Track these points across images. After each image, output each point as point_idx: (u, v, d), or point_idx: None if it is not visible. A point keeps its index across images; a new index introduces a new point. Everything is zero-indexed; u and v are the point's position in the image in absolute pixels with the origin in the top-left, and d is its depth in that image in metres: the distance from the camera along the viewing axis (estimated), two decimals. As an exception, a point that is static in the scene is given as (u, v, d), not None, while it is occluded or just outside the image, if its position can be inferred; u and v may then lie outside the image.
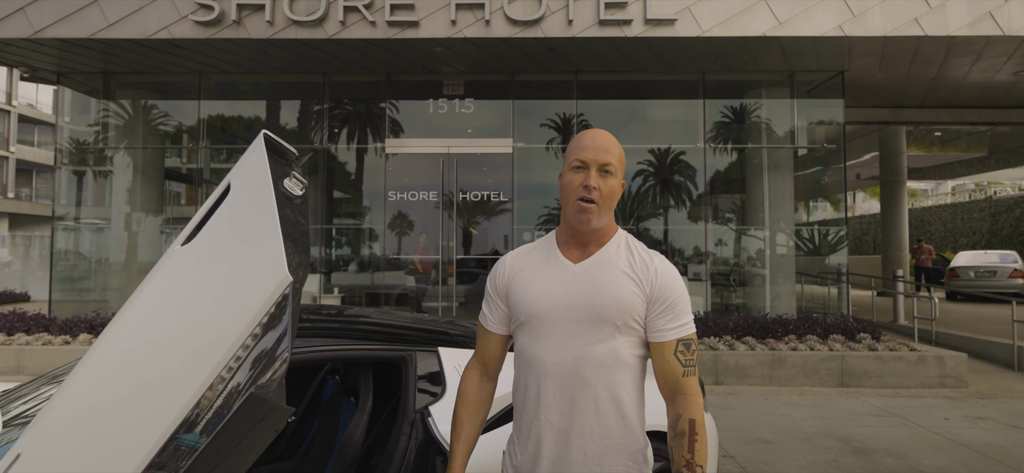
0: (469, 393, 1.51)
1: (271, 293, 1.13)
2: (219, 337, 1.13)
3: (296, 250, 1.28)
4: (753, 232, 9.29)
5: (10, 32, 7.46)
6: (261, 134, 1.33)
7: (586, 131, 1.43)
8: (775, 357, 6.67)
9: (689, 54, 8.01)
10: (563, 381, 1.35)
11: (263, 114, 10.10)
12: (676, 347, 1.35)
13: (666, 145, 9.56)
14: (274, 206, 1.19)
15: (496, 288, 1.51)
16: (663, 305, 1.36)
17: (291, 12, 7.30)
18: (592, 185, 1.35)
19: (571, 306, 1.37)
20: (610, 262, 1.41)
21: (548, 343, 1.37)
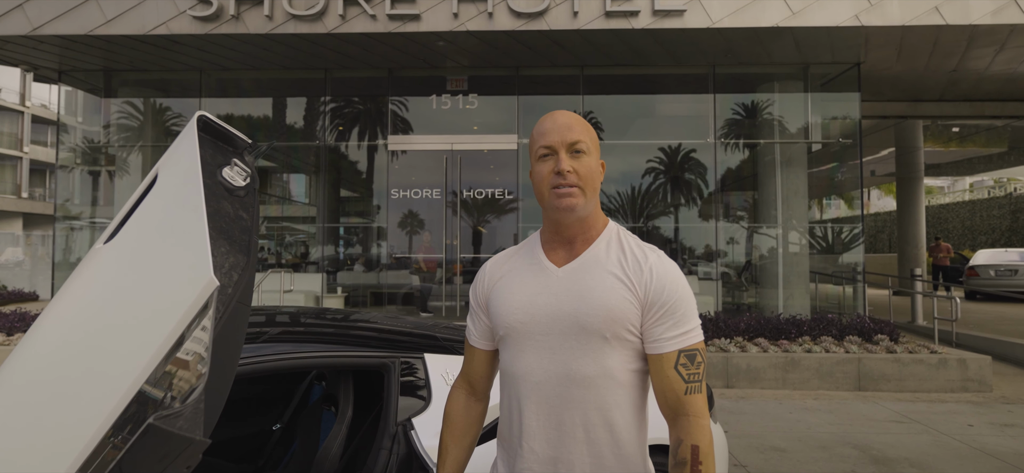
0: (454, 415, 1.34)
1: (192, 301, 0.95)
2: (131, 355, 0.95)
3: (232, 249, 1.10)
4: (765, 230, 9.03)
5: (9, 29, 7.39)
6: (195, 116, 1.15)
7: (545, 115, 1.24)
8: (788, 359, 6.42)
9: (698, 46, 7.77)
10: (547, 403, 1.18)
11: (264, 111, 9.99)
12: (677, 360, 1.15)
13: (675, 141, 9.32)
14: (201, 199, 1.01)
15: (477, 299, 1.33)
16: (660, 310, 1.16)
17: (290, 6, 7.15)
18: (565, 168, 1.16)
19: (553, 316, 1.19)
20: (598, 263, 1.22)
21: (529, 360, 1.20)
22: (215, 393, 1.20)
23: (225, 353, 1.21)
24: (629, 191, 9.42)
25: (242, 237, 1.14)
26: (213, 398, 1.19)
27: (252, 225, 1.18)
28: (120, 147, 9.43)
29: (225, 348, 1.21)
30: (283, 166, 11.00)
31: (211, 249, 1.04)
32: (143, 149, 9.30)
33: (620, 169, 9.42)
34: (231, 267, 1.09)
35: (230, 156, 1.22)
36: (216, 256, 1.06)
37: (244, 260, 1.12)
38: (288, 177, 11.07)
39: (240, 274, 1.10)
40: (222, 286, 1.05)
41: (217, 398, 1.21)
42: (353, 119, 9.54)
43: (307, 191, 10.65)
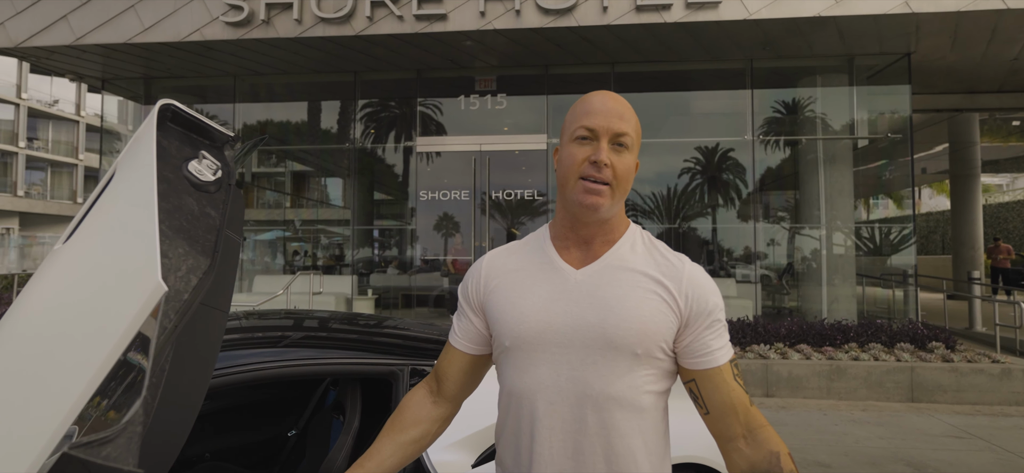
0: (405, 405, 1.18)
1: (138, 309, 0.84)
2: (71, 371, 0.84)
3: (192, 250, 0.98)
4: (808, 231, 8.61)
5: (54, 40, 7.65)
6: (158, 104, 1.04)
7: (592, 93, 1.07)
8: (833, 367, 6.06)
9: (735, 40, 7.45)
10: (562, 428, 1.02)
11: (296, 115, 10.11)
12: (733, 370, 1.04)
13: (711, 139, 9.00)
14: (153, 194, 0.90)
15: (469, 299, 1.17)
16: (707, 319, 1.03)
17: (318, 9, 7.18)
18: (603, 160, 1.01)
19: (573, 327, 1.03)
20: (625, 266, 1.06)
21: (542, 376, 1.04)
22: (175, 410, 1.09)
23: (188, 365, 1.10)
24: (664, 192, 9.14)
25: (206, 237, 1.03)
26: (173, 416, 1.08)
27: (222, 223, 1.07)
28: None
29: (187, 360, 1.10)
30: (317, 169, 11.13)
31: (162, 250, 0.93)
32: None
33: (654, 169, 9.16)
34: (189, 270, 0.97)
35: (200, 149, 1.11)
36: (170, 257, 0.95)
37: (206, 262, 1.01)
38: (323, 180, 11.19)
39: (201, 277, 0.99)
40: (177, 291, 0.94)
41: (179, 416, 1.11)
42: (382, 121, 9.56)
43: (337, 193, 10.73)
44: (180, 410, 1.10)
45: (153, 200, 0.90)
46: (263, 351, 2.00)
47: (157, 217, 0.89)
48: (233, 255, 1.21)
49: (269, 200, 11.73)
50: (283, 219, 11.44)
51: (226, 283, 1.18)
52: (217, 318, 1.16)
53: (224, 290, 1.17)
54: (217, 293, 1.14)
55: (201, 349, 1.12)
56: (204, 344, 1.13)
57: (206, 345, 1.14)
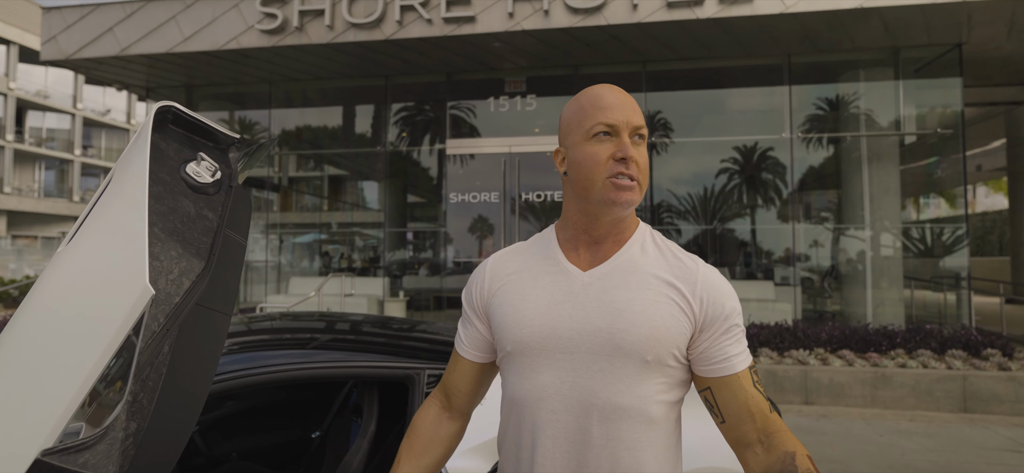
0: (419, 426, 1.13)
1: (125, 314, 0.82)
2: (63, 377, 0.83)
3: (185, 253, 0.97)
4: (851, 232, 8.26)
5: (101, 51, 7.99)
6: (156, 107, 1.03)
7: (596, 87, 1.02)
8: (878, 375, 5.78)
9: (771, 35, 7.21)
10: (567, 439, 0.96)
11: (329, 120, 10.29)
12: (752, 377, 0.98)
13: (747, 137, 8.73)
14: (144, 197, 0.88)
15: (473, 304, 1.12)
16: (724, 324, 0.97)
17: (349, 15, 7.29)
18: (631, 155, 0.97)
19: (579, 332, 0.97)
20: (636, 267, 1.01)
21: (545, 384, 0.98)
22: (175, 412, 1.08)
23: (188, 368, 1.09)
24: (699, 192, 8.91)
25: (201, 239, 1.01)
26: (173, 418, 1.07)
27: (220, 225, 1.06)
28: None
29: (187, 362, 1.09)
30: (352, 173, 11.30)
31: (153, 253, 0.92)
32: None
33: (690, 169, 8.95)
34: (182, 273, 0.96)
35: (199, 150, 1.10)
36: (162, 260, 0.94)
37: (200, 265, 0.99)
38: (358, 184, 11.35)
39: (195, 280, 0.97)
40: (167, 294, 0.93)
41: (180, 417, 1.10)
42: (414, 124, 9.63)
43: (370, 196, 10.87)
44: (180, 412, 1.09)
45: (144, 203, 0.89)
46: (284, 353, 2.00)
47: (146, 220, 0.88)
48: (235, 257, 1.19)
49: (307, 204, 11.97)
50: (319, 222, 11.65)
51: (226, 285, 1.17)
52: (217, 320, 1.15)
53: (224, 292, 1.16)
54: (215, 295, 1.13)
55: (201, 351, 1.11)
56: (204, 346, 1.12)
57: (206, 347, 1.13)
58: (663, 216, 8.82)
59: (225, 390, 1.80)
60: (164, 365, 1.02)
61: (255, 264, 10.21)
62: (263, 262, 10.28)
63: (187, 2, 7.77)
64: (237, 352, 2.04)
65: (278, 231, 10.84)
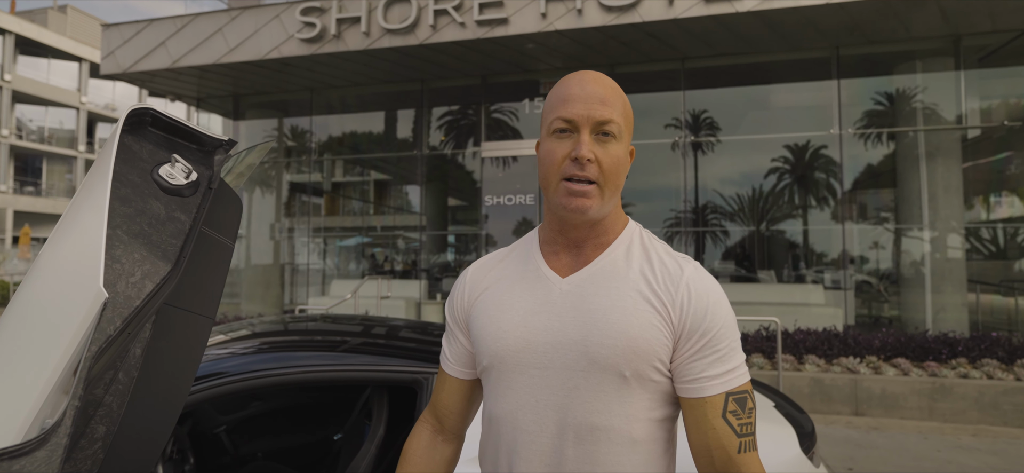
0: (411, 454, 1.06)
1: (80, 318, 0.81)
2: (31, 382, 0.83)
3: (150, 255, 0.96)
4: (907, 232, 7.78)
5: (155, 64, 8.39)
6: (128, 109, 1.03)
7: (570, 75, 0.94)
8: (937, 385, 5.40)
9: (817, 27, 6.88)
10: (542, 460, 0.89)
11: (368, 125, 10.47)
12: (725, 406, 0.86)
13: (793, 135, 8.36)
14: (105, 199, 0.88)
15: (455, 315, 1.05)
16: (702, 340, 0.87)
17: (385, 21, 7.39)
18: (585, 155, 0.87)
19: (553, 345, 0.90)
20: (616, 275, 0.92)
21: (519, 400, 0.91)
22: (151, 413, 1.07)
23: (163, 369, 1.08)
24: (744, 192, 8.59)
25: (170, 241, 1.00)
26: (149, 419, 1.07)
27: (194, 226, 1.05)
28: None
29: (163, 364, 1.08)
30: (392, 177, 11.48)
31: (114, 255, 0.91)
32: (269, 167, 10.15)
33: (737, 168, 8.64)
34: (144, 275, 0.94)
35: (174, 152, 1.09)
36: (123, 263, 0.93)
37: (166, 267, 0.98)
38: (399, 188, 11.52)
39: (159, 283, 0.96)
40: (127, 297, 0.92)
41: (157, 418, 1.09)
42: (450, 127, 9.69)
43: (410, 200, 11.00)
44: (155, 415, 1.08)
45: (104, 206, 0.88)
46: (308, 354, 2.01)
47: (105, 223, 0.87)
48: (217, 258, 1.18)
49: (354, 208, 12.24)
50: (363, 226, 11.88)
51: (205, 287, 1.16)
52: (196, 322, 1.14)
53: (202, 294, 1.15)
54: (192, 297, 1.12)
55: (178, 354, 1.11)
56: (181, 349, 1.11)
57: (184, 350, 1.12)
58: (709, 218, 8.55)
59: (249, 388, 1.82)
60: (136, 368, 1.02)
61: (300, 267, 10.49)
62: (307, 265, 10.55)
63: (232, 14, 8.07)
64: (268, 352, 2.07)
65: (322, 235, 11.11)
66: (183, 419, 2.74)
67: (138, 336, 1.01)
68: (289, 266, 10.29)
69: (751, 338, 6.41)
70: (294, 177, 10.67)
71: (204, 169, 1.14)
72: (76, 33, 32.52)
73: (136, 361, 1.01)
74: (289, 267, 10.29)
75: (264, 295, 9.92)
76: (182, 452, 2.21)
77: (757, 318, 5.62)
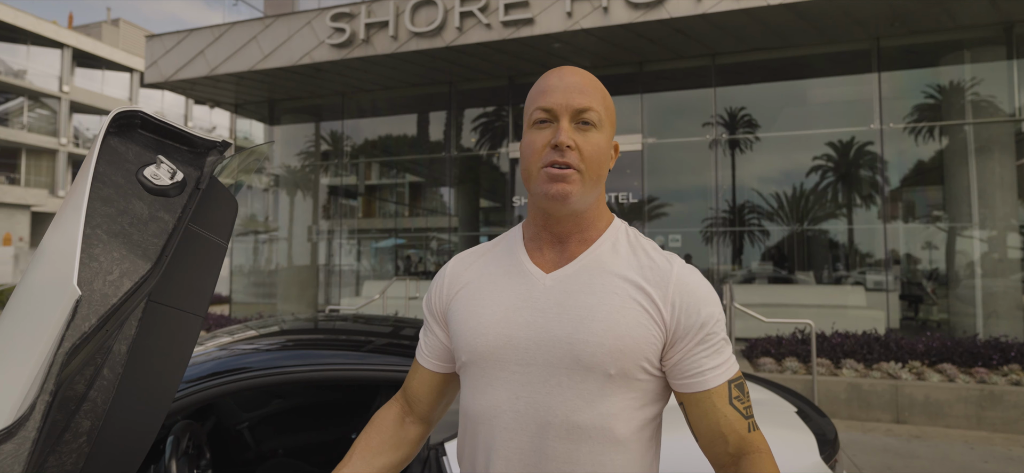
0: (379, 423, 1.05)
1: (56, 316, 0.83)
2: (14, 378, 0.86)
3: (129, 253, 0.98)
4: (956, 231, 7.40)
5: (194, 72, 8.71)
6: (114, 111, 1.06)
7: (550, 71, 0.94)
8: (986, 393, 5.11)
9: (854, 18, 6.62)
10: (521, 459, 0.88)
11: (398, 128, 10.61)
12: (730, 393, 0.87)
13: (831, 130, 8.06)
14: (84, 199, 0.90)
15: (433, 309, 1.05)
16: (700, 334, 0.87)
17: (412, 24, 7.47)
18: (565, 141, 0.86)
19: (536, 342, 0.88)
20: (603, 270, 0.91)
21: (499, 398, 0.90)
22: (137, 409, 1.10)
23: (150, 366, 1.11)
24: (780, 191, 8.33)
25: (151, 241, 1.02)
26: (135, 415, 1.09)
27: (177, 228, 1.07)
28: (282, 166, 10.65)
29: (150, 360, 1.10)
30: (425, 179, 11.60)
31: (91, 253, 0.93)
32: (305, 170, 10.41)
33: (765, 166, 8.40)
34: (123, 273, 0.96)
35: (160, 154, 1.12)
36: (101, 261, 0.95)
37: (146, 265, 1.00)
38: (432, 189, 11.64)
39: (138, 282, 0.98)
40: (103, 295, 0.94)
41: (144, 414, 1.12)
42: (478, 129, 9.73)
43: (442, 202, 11.09)
44: (142, 409, 1.11)
45: (82, 206, 0.91)
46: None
47: (82, 222, 0.89)
48: (207, 257, 1.20)
49: (390, 210, 12.45)
50: (397, 227, 12.06)
51: (194, 285, 1.18)
52: (185, 320, 1.16)
53: (191, 292, 1.17)
54: (180, 295, 1.14)
55: (165, 350, 1.13)
56: (169, 345, 1.14)
57: (172, 347, 1.14)
58: (746, 217, 8.32)
59: (273, 384, 1.86)
60: (121, 365, 1.05)
61: (335, 268, 10.71)
62: (340, 266, 10.76)
63: (266, 22, 8.30)
64: (293, 349, 2.11)
65: (357, 236, 11.32)
66: (206, 416, 2.82)
67: (121, 334, 1.03)
68: (325, 267, 10.52)
69: (786, 341, 6.21)
70: (331, 180, 10.90)
71: (192, 170, 1.16)
72: (127, 45, 34.09)
73: (121, 358, 1.04)
74: (325, 268, 10.51)
75: (300, 295, 10.16)
76: (198, 447, 2.27)
77: (791, 321, 5.44)
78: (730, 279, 7.95)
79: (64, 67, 29.35)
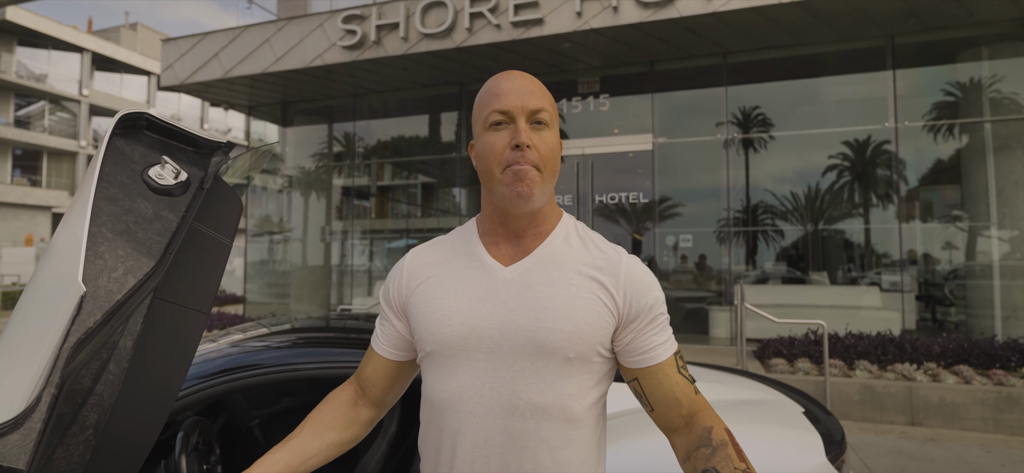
0: (333, 401, 1.09)
1: (62, 313, 0.86)
2: (23, 376, 0.89)
3: (133, 251, 1.00)
4: (973, 230, 7.28)
5: (209, 75, 8.83)
6: (119, 114, 1.09)
7: (497, 75, 1.00)
8: (1003, 395, 5.02)
9: (868, 15, 6.54)
10: (486, 441, 0.93)
11: (409, 129, 10.66)
12: (677, 363, 0.98)
13: (844, 129, 7.96)
14: (89, 198, 0.93)
15: (391, 301, 1.09)
16: (648, 315, 0.97)
17: (422, 26, 7.51)
18: (524, 141, 0.92)
19: (500, 331, 0.94)
20: (558, 262, 0.98)
21: (464, 384, 0.95)
22: (143, 403, 1.12)
23: (155, 361, 1.13)
24: (793, 190, 8.24)
25: (155, 239, 1.05)
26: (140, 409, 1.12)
27: (181, 226, 1.09)
28: (295, 167, 10.76)
29: (154, 356, 1.13)
30: (437, 179, 11.66)
31: (97, 251, 0.96)
32: (318, 171, 10.51)
33: (775, 165, 8.32)
34: (127, 271, 0.99)
35: (165, 154, 1.14)
36: (106, 259, 0.98)
37: (150, 263, 1.03)
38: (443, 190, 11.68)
39: (142, 279, 1.01)
40: (108, 291, 0.97)
41: (149, 408, 1.14)
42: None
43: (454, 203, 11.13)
44: (148, 402, 1.14)
45: (88, 204, 0.94)
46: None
47: (88, 220, 0.92)
48: (212, 255, 1.23)
49: (402, 211, 12.52)
50: (409, 228, 12.12)
51: (199, 283, 1.21)
52: (189, 317, 1.19)
53: (195, 289, 1.20)
54: (185, 292, 1.17)
55: (169, 346, 1.16)
56: (173, 341, 1.16)
57: (176, 342, 1.17)
58: (760, 217, 8.24)
59: (283, 380, 1.89)
60: (126, 360, 1.07)
61: (347, 268, 10.79)
62: (352, 266, 10.84)
63: (279, 25, 8.40)
64: (303, 346, 2.14)
65: (370, 237, 11.39)
66: (217, 413, 2.86)
67: (127, 329, 1.06)
68: (337, 267, 10.61)
69: (798, 342, 6.14)
70: (343, 181, 10.99)
71: (197, 170, 1.19)
72: (145, 49, 34.63)
73: (127, 353, 1.07)
74: (337, 268, 10.60)
75: (312, 295, 10.26)
76: (208, 444, 2.31)
77: (803, 321, 5.39)
78: (742, 280, 7.89)
79: (84, 71, 29.88)
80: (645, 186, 8.26)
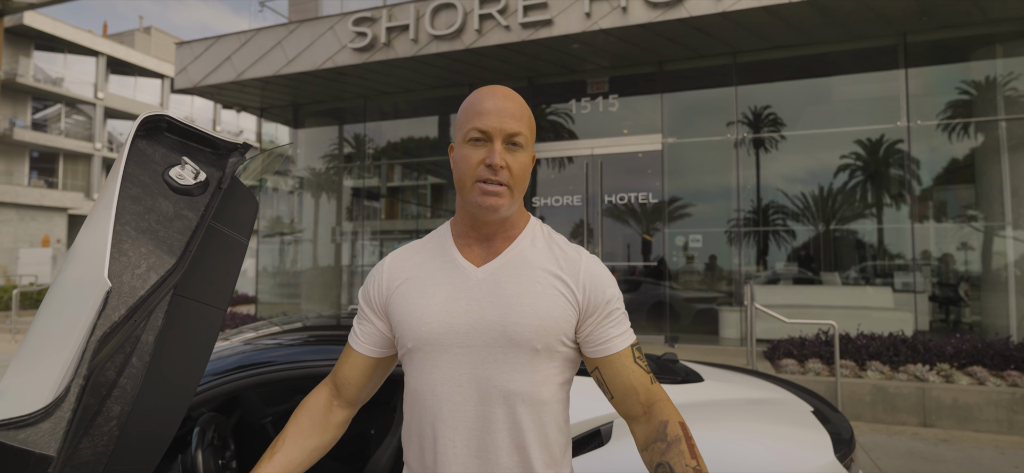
0: (310, 406, 1.16)
1: (89, 307, 0.90)
2: (49, 374, 0.92)
3: (156, 249, 1.04)
4: (988, 230, 7.20)
5: (222, 78, 8.94)
6: (141, 117, 1.13)
7: (483, 90, 1.07)
8: (1018, 396, 4.97)
9: (880, 13, 6.49)
10: (466, 426, 1.04)
11: (419, 131, 10.72)
12: (634, 354, 1.08)
13: (856, 128, 7.90)
14: (114, 198, 0.97)
15: (371, 302, 1.16)
16: (606, 309, 1.07)
17: (432, 27, 7.56)
18: (498, 163, 1.02)
19: (474, 327, 1.04)
20: (525, 263, 1.08)
21: (444, 376, 1.05)
22: (162, 397, 1.16)
23: (175, 356, 1.17)
24: (804, 190, 8.19)
25: (176, 237, 1.09)
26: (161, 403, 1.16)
27: (200, 225, 1.13)
28: (306, 169, 10.86)
29: (174, 351, 1.17)
30: (448, 181, 11.71)
31: (120, 249, 1.00)
32: (329, 173, 10.60)
33: (786, 165, 8.27)
34: (149, 268, 1.03)
35: (185, 155, 1.18)
36: (130, 256, 1.02)
37: (171, 260, 1.07)
38: (454, 191, 11.72)
39: (164, 275, 1.05)
40: (132, 287, 1.00)
41: (169, 403, 1.18)
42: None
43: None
44: (168, 396, 1.17)
45: (112, 203, 0.98)
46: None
47: (112, 219, 0.96)
48: (229, 254, 1.27)
49: (408, 212, 12.58)
50: (418, 229, 12.17)
51: (216, 280, 1.24)
52: (207, 313, 1.23)
53: (213, 286, 1.23)
54: (203, 289, 1.21)
55: (189, 341, 1.19)
56: (192, 337, 1.20)
57: (195, 338, 1.21)
58: (772, 217, 8.20)
59: (296, 377, 1.93)
60: (148, 354, 1.11)
61: (358, 268, 10.87)
62: (362, 266, 10.92)
63: (290, 28, 8.48)
64: (314, 344, 2.18)
65: (380, 237, 11.46)
66: (231, 409, 2.91)
67: (149, 324, 1.10)
68: (348, 267, 10.69)
69: (809, 343, 6.11)
70: (354, 182, 11.07)
71: (215, 171, 1.23)
72: (159, 52, 35.04)
73: (148, 347, 1.10)
74: (348, 268, 10.68)
75: (324, 295, 10.35)
76: (223, 439, 2.35)
77: (814, 322, 5.36)
78: (753, 280, 7.86)
79: (99, 74, 30.30)
80: (655, 186, 8.25)
